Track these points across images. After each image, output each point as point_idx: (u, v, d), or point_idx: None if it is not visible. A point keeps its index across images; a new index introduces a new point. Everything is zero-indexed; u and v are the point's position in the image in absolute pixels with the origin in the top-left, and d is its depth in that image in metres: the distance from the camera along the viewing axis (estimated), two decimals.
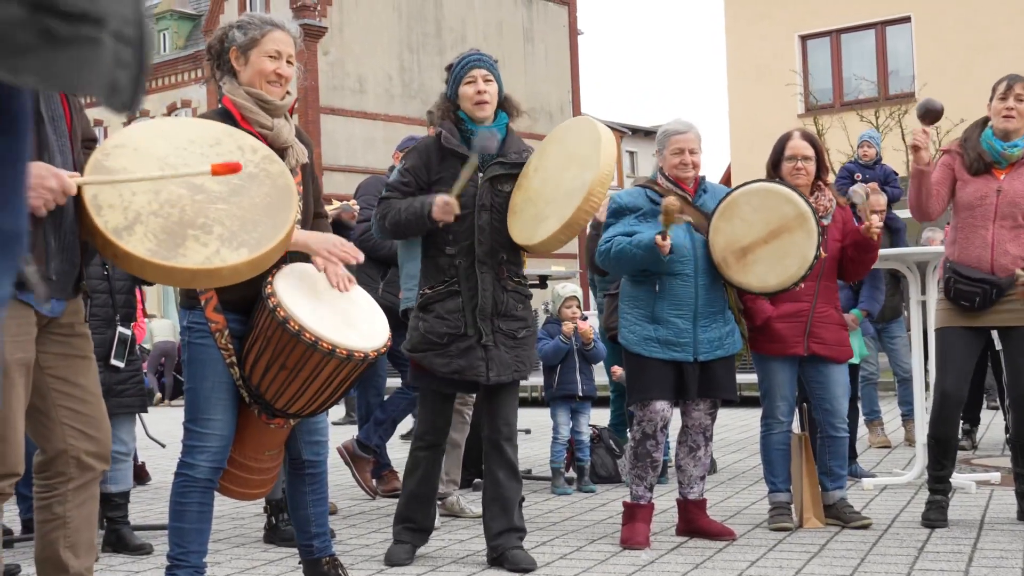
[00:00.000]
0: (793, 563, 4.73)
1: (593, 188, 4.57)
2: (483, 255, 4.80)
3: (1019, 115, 5.37)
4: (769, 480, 5.65)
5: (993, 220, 5.37)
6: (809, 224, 5.12)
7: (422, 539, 5.01)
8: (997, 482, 6.57)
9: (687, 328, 5.20)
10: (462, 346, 4.77)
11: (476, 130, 4.79)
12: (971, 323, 5.42)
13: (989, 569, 4.50)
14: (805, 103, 21.42)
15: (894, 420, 9.63)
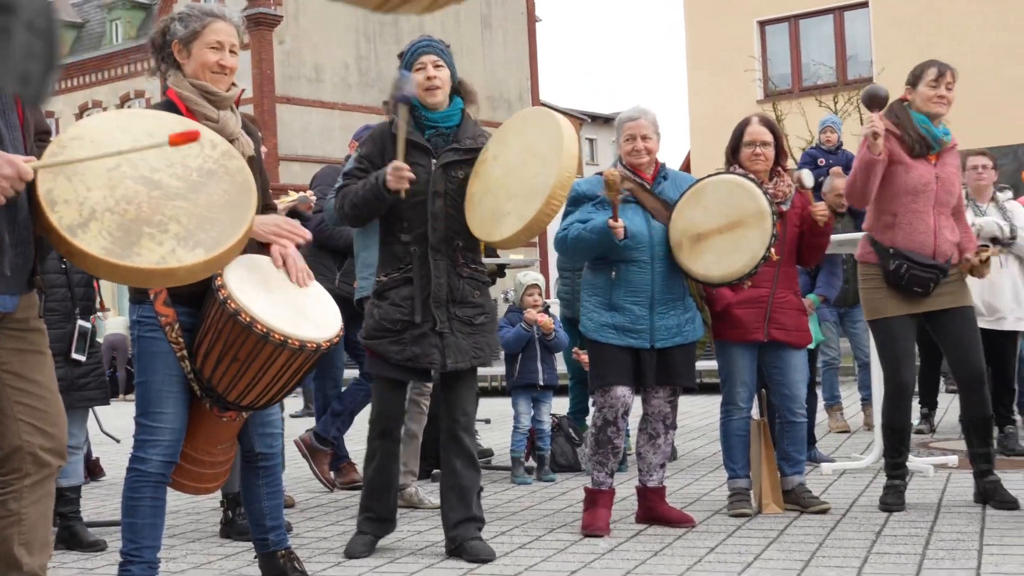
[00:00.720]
0: (752, 549, 4.73)
1: (555, 190, 4.55)
2: (437, 242, 4.77)
3: (950, 102, 5.42)
4: (728, 466, 5.64)
5: (933, 206, 5.41)
6: (765, 223, 5.11)
7: (384, 529, 4.97)
8: (955, 465, 6.60)
9: (643, 315, 5.18)
10: (415, 333, 4.73)
11: (401, 75, 4.75)
12: (913, 310, 5.44)
13: (946, 552, 4.52)
14: (764, 89, 21.49)
15: (854, 405, 9.67)
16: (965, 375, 5.48)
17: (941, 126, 5.48)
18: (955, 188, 5.47)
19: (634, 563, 4.55)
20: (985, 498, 5.46)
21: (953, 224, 5.50)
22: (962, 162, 5.95)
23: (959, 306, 5.45)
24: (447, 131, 4.86)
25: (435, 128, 4.84)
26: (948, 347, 5.56)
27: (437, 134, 4.84)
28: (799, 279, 6.28)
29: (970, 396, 5.49)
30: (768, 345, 5.50)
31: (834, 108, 17.62)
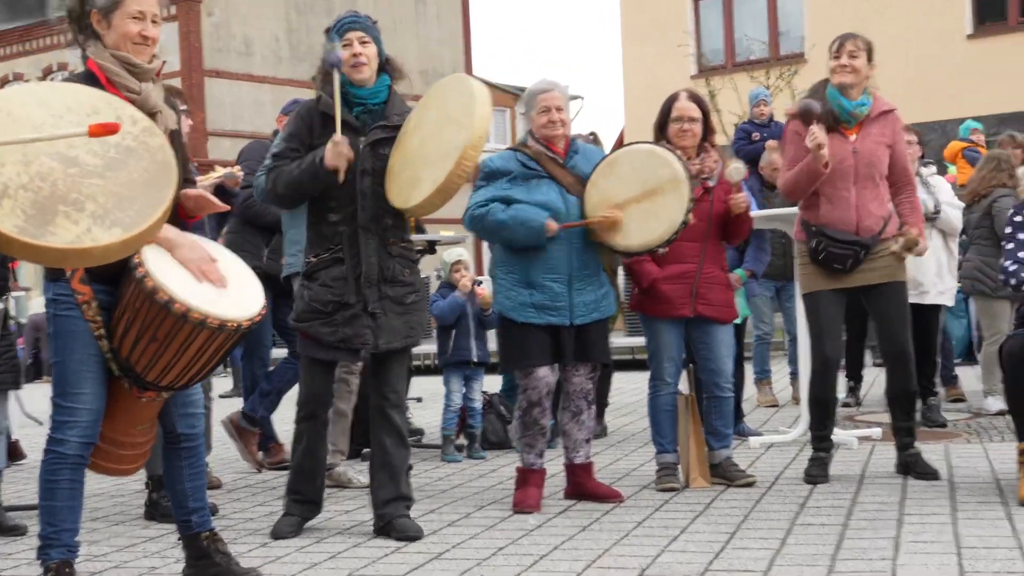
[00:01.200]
0: (679, 522, 4.76)
1: (466, 151, 4.52)
2: (366, 221, 4.73)
3: (853, 70, 5.43)
4: (656, 441, 5.67)
5: (854, 181, 5.44)
6: (682, 189, 5.12)
7: (311, 511, 4.94)
8: (879, 438, 6.70)
9: (563, 292, 5.17)
10: (347, 314, 4.69)
11: (329, 39, 4.73)
12: (839, 285, 5.50)
13: (867, 522, 4.59)
14: (698, 64, 21.54)
15: (784, 379, 9.78)
16: (892, 350, 5.55)
17: (862, 97, 5.50)
18: (878, 159, 5.47)
19: (562, 539, 4.56)
20: (906, 469, 5.55)
21: (882, 197, 5.51)
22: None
23: (890, 281, 5.50)
24: (375, 108, 4.81)
25: (363, 105, 4.79)
26: (877, 322, 5.63)
27: (365, 111, 4.79)
28: (728, 254, 6.33)
29: (896, 371, 5.56)
30: (695, 321, 5.53)
31: (766, 83, 17.70)
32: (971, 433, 6.94)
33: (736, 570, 3.96)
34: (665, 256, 5.42)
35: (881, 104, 5.55)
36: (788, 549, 4.21)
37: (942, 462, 5.88)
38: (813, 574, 3.85)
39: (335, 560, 4.38)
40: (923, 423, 7.22)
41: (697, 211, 5.42)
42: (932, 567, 3.86)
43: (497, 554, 4.36)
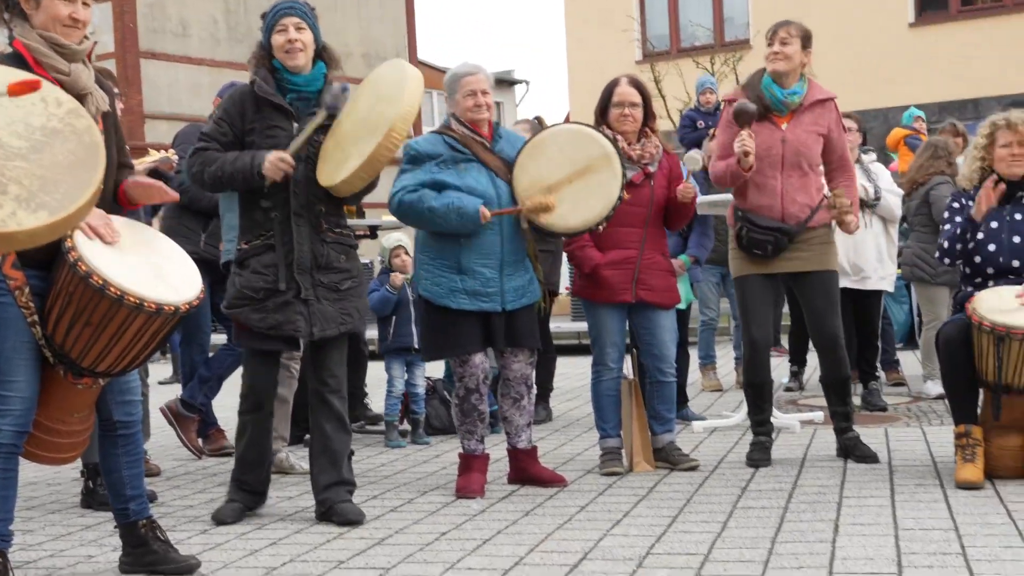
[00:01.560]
0: (622, 506, 4.78)
1: (395, 124, 4.50)
2: (299, 207, 4.69)
3: (786, 57, 5.46)
4: (600, 426, 5.69)
5: (781, 169, 5.48)
6: (614, 165, 5.13)
7: (256, 502, 4.91)
8: (820, 421, 6.76)
9: (494, 277, 5.15)
10: (279, 301, 4.65)
11: (319, 89, 4.71)
12: (766, 270, 5.54)
13: (807, 505, 4.63)
14: (643, 49, 21.58)
15: (729, 364, 9.84)
16: (821, 338, 5.61)
17: (797, 85, 5.52)
18: (808, 148, 5.51)
19: (505, 523, 4.57)
20: (846, 453, 5.61)
21: (810, 186, 5.54)
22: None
23: (818, 270, 5.54)
24: (309, 95, 4.77)
25: (297, 92, 4.76)
26: (806, 310, 5.67)
27: (299, 98, 4.75)
28: (672, 240, 6.35)
29: (827, 358, 5.63)
30: (637, 306, 5.54)
31: (711, 70, 17.78)
32: (911, 417, 7.02)
33: (677, 553, 3.98)
34: (606, 240, 5.43)
35: (817, 92, 5.58)
36: (729, 532, 4.24)
37: (882, 445, 5.95)
38: (753, 557, 3.88)
39: (276, 547, 4.35)
40: (864, 407, 7.31)
41: (638, 197, 5.44)
42: (870, 548, 3.91)
43: (440, 539, 4.35)
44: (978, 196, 5.04)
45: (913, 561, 3.73)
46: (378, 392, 7.31)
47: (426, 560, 4.05)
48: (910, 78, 18.93)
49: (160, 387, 10.79)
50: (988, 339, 4.82)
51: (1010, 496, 4.63)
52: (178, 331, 6.61)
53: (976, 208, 5.04)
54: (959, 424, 4.99)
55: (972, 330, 4.89)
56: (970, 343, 4.92)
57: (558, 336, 13.09)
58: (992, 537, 4.00)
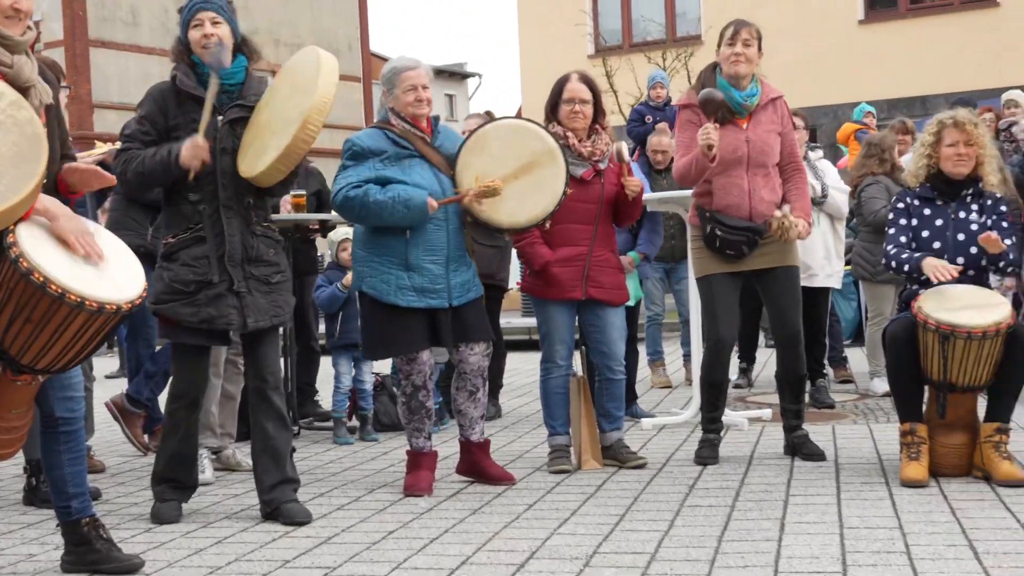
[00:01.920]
0: (569, 505, 4.78)
1: (310, 115, 4.48)
2: (227, 199, 4.66)
3: (747, 60, 5.48)
4: (549, 423, 5.69)
5: (747, 169, 5.50)
6: (558, 160, 5.14)
7: (187, 496, 4.86)
8: (768, 419, 6.81)
9: (441, 274, 5.13)
10: (211, 293, 4.59)
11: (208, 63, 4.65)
12: (733, 268, 5.55)
13: (754, 503, 4.66)
14: (595, 44, 21.61)
15: (677, 360, 9.88)
16: (783, 333, 5.63)
17: (751, 86, 5.54)
18: (770, 147, 5.53)
19: (452, 522, 4.55)
20: (794, 451, 5.64)
21: (774, 183, 5.58)
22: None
23: (782, 266, 5.57)
24: (232, 89, 4.74)
25: (220, 85, 4.71)
26: (769, 305, 5.69)
27: (222, 91, 4.71)
28: (621, 236, 6.36)
29: (787, 354, 5.64)
30: (586, 303, 5.54)
31: (663, 65, 17.82)
32: (858, 414, 7.09)
33: (624, 552, 3.98)
34: (557, 237, 5.43)
35: (769, 91, 5.61)
36: (676, 531, 4.25)
37: (829, 443, 6.00)
38: (700, 556, 3.89)
39: (221, 545, 4.31)
40: (812, 404, 7.36)
41: (588, 194, 5.44)
42: (815, 547, 3.93)
43: (387, 538, 4.33)
44: (932, 267, 5.02)
45: (858, 560, 3.75)
46: (327, 388, 7.26)
47: (372, 559, 4.02)
48: (859, 75, 19.11)
49: (106, 381, 10.67)
50: (933, 338, 4.86)
51: (954, 494, 4.67)
52: (124, 325, 6.52)
53: (929, 275, 5.02)
54: (904, 422, 5.04)
55: (917, 328, 4.93)
56: (915, 341, 4.97)
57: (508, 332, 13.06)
58: (936, 536, 4.03)
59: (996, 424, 4.93)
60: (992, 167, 5.23)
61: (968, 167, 5.18)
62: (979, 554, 3.75)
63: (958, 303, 4.92)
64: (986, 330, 4.79)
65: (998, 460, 4.85)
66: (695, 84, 5.66)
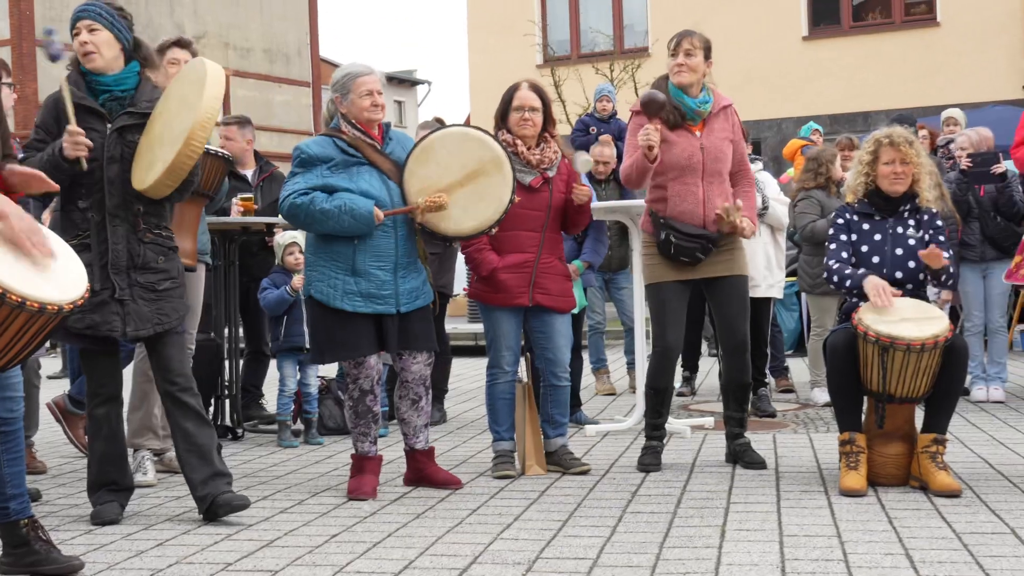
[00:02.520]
0: (513, 510, 4.80)
1: (193, 131, 4.51)
2: (114, 207, 4.66)
3: (690, 69, 5.55)
4: (493, 429, 5.71)
5: (702, 177, 5.56)
6: (505, 168, 5.17)
7: (126, 498, 4.83)
8: (711, 427, 6.87)
9: (388, 280, 5.14)
10: (94, 301, 4.53)
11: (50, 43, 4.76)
12: (683, 276, 5.61)
13: (695, 510, 4.70)
14: (544, 54, 21.70)
15: (621, 368, 9.94)
16: (730, 342, 5.69)
17: (702, 94, 5.61)
18: (724, 154, 5.61)
19: (396, 526, 4.56)
20: (735, 458, 5.70)
21: (727, 191, 5.64)
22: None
23: (732, 275, 5.64)
24: (122, 95, 4.75)
25: (109, 92, 4.73)
26: (718, 313, 5.75)
27: (112, 98, 4.73)
28: (566, 245, 6.39)
29: (733, 362, 5.70)
30: (533, 310, 5.57)
31: (610, 76, 17.96)
32: (799, 423, 7.17)
33: (566, 558, 4.00)
34: (504, 243, 5.46)
35: (720, 100, 5.68)
36: (618, 537, 4.28)
37: (770, 451, 6.07)
38: (641, 562, 3.92)
39: (163, 547, 4.29)
40: (753, 413, 7.44)
41: (536, 202, 5.48)
42: (755, 554, 3.97)
43: (330, 541, 4.33)
44: (874, 289, 5.08)
45: (796, 567, 3.79)
46: (272, 391, 7.24)
47: (315, 563, 4.01)
48: (803, 90, 19.38)
49: (49, 381, 10.53)
50: (873, 349, 4.94)
51: (892, 504, 4.74)
52: None
53: (871, 296, 5.10)
54: (844, 431, 5.11)
55: (858, 340, 5.01)
56: (856, 352, 5.04)
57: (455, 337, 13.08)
58: (873, 544, 4.08)
59: (933, 435, 5.01)
60: (928, 183, 5.33)
61: (904, 185, 5.28)
62: (915, 563, 3.81)
63: (897, 316, 5.00)
64: (924, 343, 4.87)
65: (935, 470, 4.94)
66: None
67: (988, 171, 7.73)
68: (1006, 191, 7.79)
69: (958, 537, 4.15)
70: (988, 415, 7.35)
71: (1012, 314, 10.50)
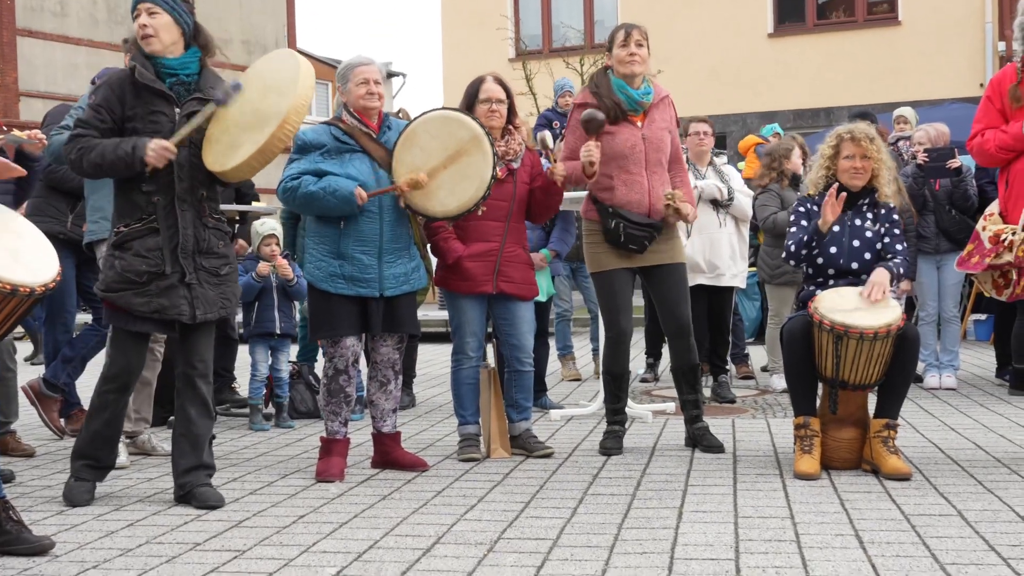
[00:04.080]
0: (477, 492, 4.90)
1: (289, 115, 4.58)
2: (183, 192, 4.71)
3: (641, 60, 5.68)
4: (459, 413, 5.82)
5: (645, 167, 5.70)
6: (484, 146, 5.27)
7: (101, 476, 4.91)
8: (672, 412, 7.00)
9: (372, 264, 5.26)
10: (163, 284, 4.65)
11: (220, 82, 4.75)
12: (628, 264, 5.75)
13: (654, 492, 4.82)
14: (516, 48, 21.78)
15: (587, 355, 10.05)
16: (674, 327, 5.82)
17: (643, 86, 5.74)
18: (664, 144, 5.76)
19: (362, 507, 4.65)
20: (694, 442, 5.84)
21: (667, 180, 5.78)
22: (683, 120, 6.18)
23: (671, 263, 5.78)
24: (187, 80, 4.78)
25: (175, 76, 4.75)
26: (659, 300, 5.88)
27: (178, 83, 4.75)
28: (535, 234, 6.51)
29: (679, 346, 5.84)
30: (497, 297, 5.69)
31: (580, 71, 18.05)
32: (757, 409, 7.31)
33: (527, 538, 4.09)
34: (470, 232, 5.58)
35: (660, 91, 5.83)
36: (578, 518, 4.39)
37: (728, 436, 6.20)
38: (599, 542, 4.01)
39: (133, 528, 4.37)
40: (713, 399, 7.59)
41: (501, 192, 5.59)
42: (710, 535, 4.07)
43: (297, 522, 4.41)
44: (823, 207, 5.29)
45: (750, 547, 3.89)
46: (245, 376, 7.32)
47: (282, 543, 4.10)
48: (768, 86, 19.55)
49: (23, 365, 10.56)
50: (827, 337, 5.08)
51: (843, 486, 4.86)
52: (43, 309, 6.53)
53: (822, 219, 5.29)
54: (798, 415, 5.25)
55: (813, 328, 5.15)
56: (811, 339, 5.18)
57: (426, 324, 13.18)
58: (825, 525, 4.19)
59: (885, 420, 5.15)
60: (887, 178, 5.47)
61: (863, 180, 5.41)
62: (864, 543, 3.92)
63: (852, 305, 5.14)
64: (877, 331, 5.01)
65: (886, 454, 5.08)
66: (587, 84, 5.86)
67: (944, 166, 7.90)
68: (961, 185, 7.97)
69: (907, 519, 4.27)
70: (940, 402, 7.53)
71: (966, 305, 10.69)
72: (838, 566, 3.65)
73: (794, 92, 19.34)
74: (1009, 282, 5.54)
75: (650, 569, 3.64)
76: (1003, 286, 5.58)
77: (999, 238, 5.45)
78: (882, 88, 18.69)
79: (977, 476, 5.05)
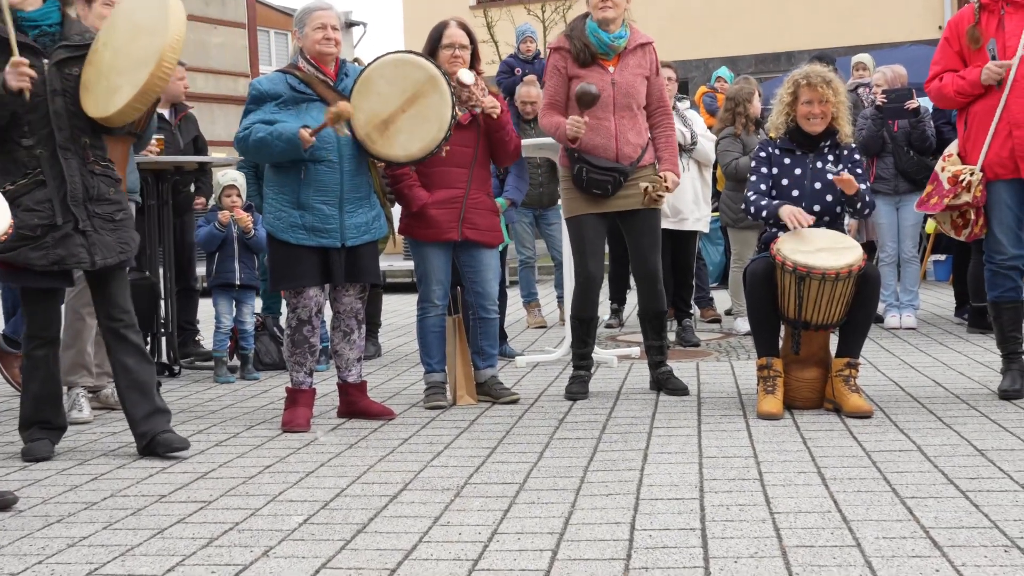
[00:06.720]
0: (443, 439, 4.93)
1: (164, 54, 4.52)
2: (64, 141, 4.66)
3: (614, 5, 5.66)
4: (425, 361, 5.82)
5: (613, 111, 5.68)
6: (441, 86, 5.22)
7: (57, 437, 4.88)
8: (637, 356, 7.04)
9: (333, 214, 5.23)
10: (58, 235, 4.59)
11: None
12: (599, 209, 5.75)
13: (619, 435, 4.85)
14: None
15: (552, 302, 10.08)
16: (643, 272, 5.84)
17: (621, 29, 5.72)
18: (635, 90, 5.73)
19: (329, 456, 4.66)
20: (659, 386, 5.88)
21: (640, 126, 5.76)
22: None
23: (644, 209, 5.78)
24: (51, 30, 4.73)
25: (38, 28, 4.70)
26: (631, 245, 5.89)
27: (42, 34, 4.70)
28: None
29: (647, 291, 5.86)
30: (462, 245, 5.68)
31: (542, 17, 17.98)
32: (721, 352, 7.36)
33: (494, 483, 4.12)
34: (434, 179, 5.56)
35: (638, 37, 5.79)
36: (545, 462, 4.41)
37: (693, 379, 6.25)
38: (566, 485, 4.04)
39: (97, 482, 4.35)
40: (678, 343, 7.63)
41: (465, 138, 5.56)
42: (675, 475, 4.11)
43: (263, 472, 4.42)
44: (789, 214, 5.25)
45: (714, 487, 3.93)
46: (209, 328, 7.30)
47: (248, 493, 4.10)
48: (728, 30, 19.53)
49: None
50: (790, 278, 5.11)
51: (806, 425, 4.92)
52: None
53: (786, 221, 5.26)
54: (761, 356, 5.29)
55: (775, 269, 5.18)
56: (773, 281, 5.21)
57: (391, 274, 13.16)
58: (788, 464, 4.24)
59: (846, 359, 5.21)
60: (847, 119, 5.49)
61: (820, 126, 5.42)
62: (826, 480, 3.97)
63: (813, 246, 5.17)
64: (839, 272, 5.05)
65: (847, 393, 5.14)
66: (566, 30, 5.82)
67: (902, 107, 7.93)
68: (919, 126, 8.01)
69: (868, 455, 4.33)
70: (900, 341, 7.62)
71: (925, 246, 10.78)
72: (801, 502, 3.69)
73: (755, 36, 19.35)
74: (968, 222, 5.58)
75: (616, 510, 3.67)
76: (962, 226, 5.62)
77: (958, 179, 5.48)
78: (842, 31, 18.74)
79: (936, 412, 5.12)
